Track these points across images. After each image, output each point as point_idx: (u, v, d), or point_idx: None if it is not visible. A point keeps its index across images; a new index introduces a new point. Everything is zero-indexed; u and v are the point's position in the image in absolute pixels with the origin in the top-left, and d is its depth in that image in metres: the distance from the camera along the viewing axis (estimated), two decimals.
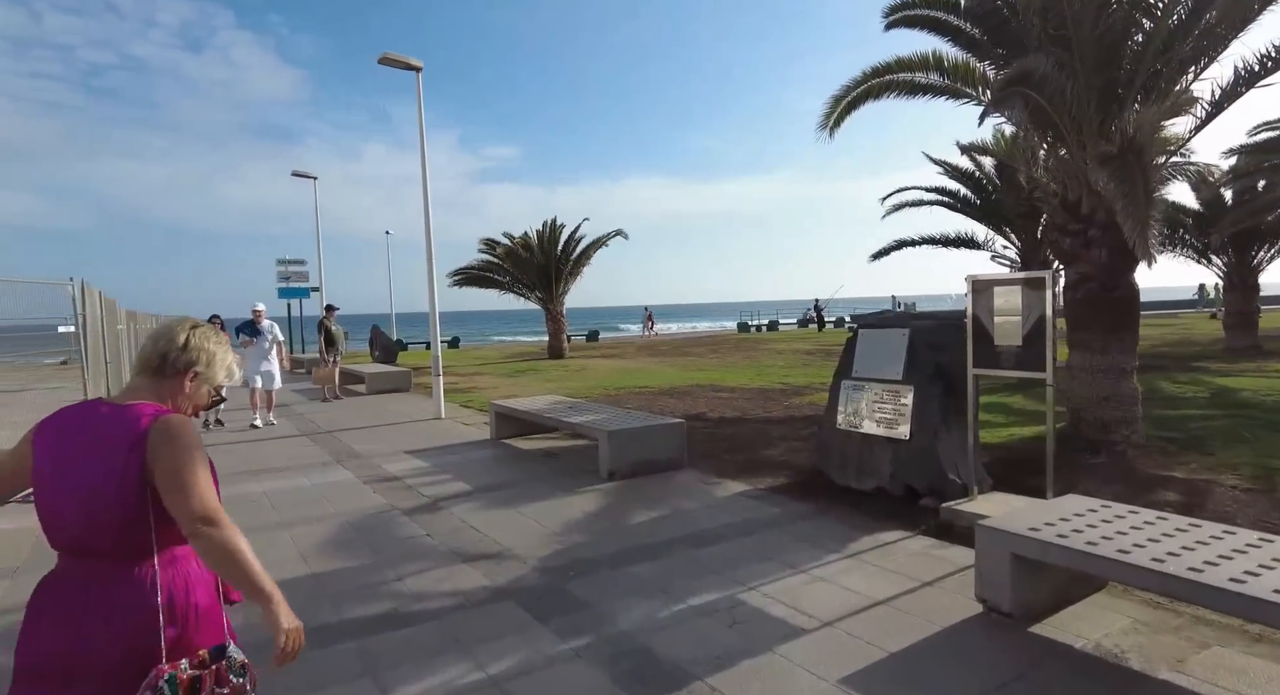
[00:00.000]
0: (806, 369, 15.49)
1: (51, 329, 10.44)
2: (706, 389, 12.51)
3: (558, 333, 21.86)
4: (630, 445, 6.26)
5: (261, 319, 9.60)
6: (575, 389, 12.93)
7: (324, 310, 14.14)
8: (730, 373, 15.21)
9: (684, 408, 10.23)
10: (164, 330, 1.74)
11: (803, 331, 34.14)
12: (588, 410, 7.54)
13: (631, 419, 6.84)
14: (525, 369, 18.12)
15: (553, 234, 21.38)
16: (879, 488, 5.37)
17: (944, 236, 11.58)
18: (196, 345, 1.72)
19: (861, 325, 5.85)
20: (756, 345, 23.90)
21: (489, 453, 7.64)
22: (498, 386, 14.18)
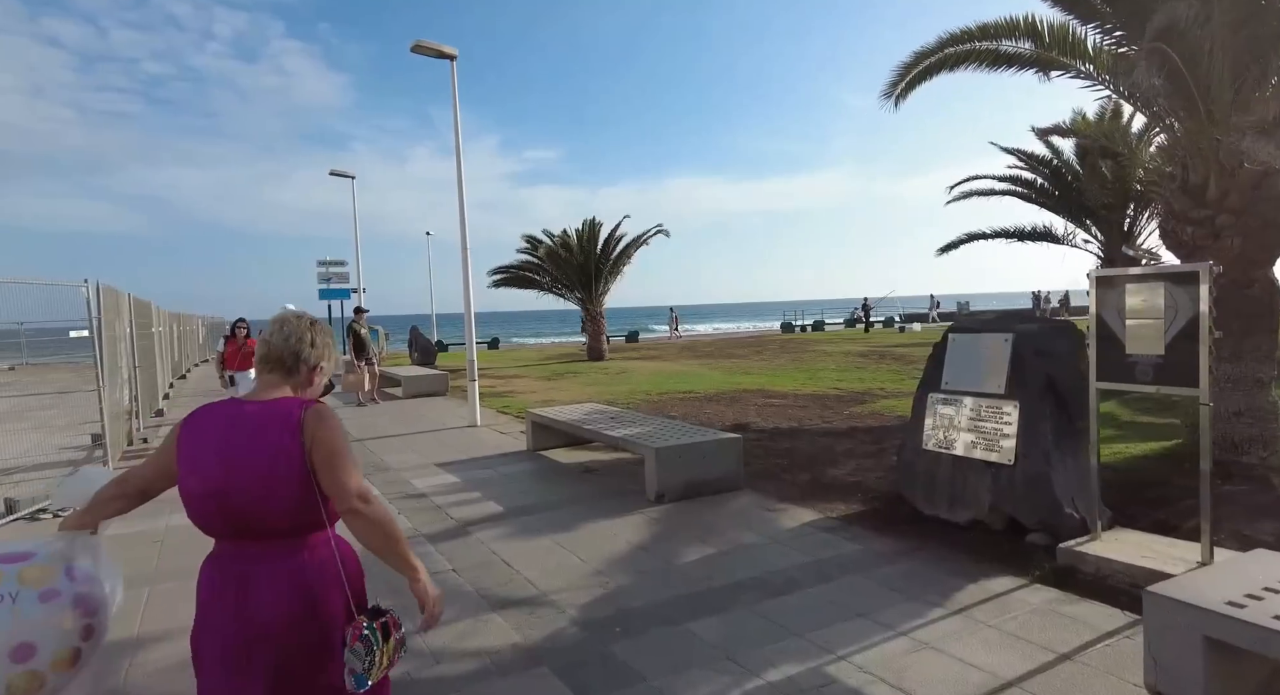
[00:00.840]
0: (861, 372, 14.56)
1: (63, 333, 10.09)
2: (755, 395, 11.73)
3: (597, 334, 21.28)
4: (681, 463, 5.56)
5: None
6: (616, 394, 12.28)
7: (352, 313, 13.69)
8: (779, 377, 14.39)
9: (733, 416, 9.48)
10: (291, 330, 1.80)
11: (850, 332, 32.93)
12: (630, 421, 6.87)
13: (680, 432, 6.14)
14: (564, 372, 17.58)
15: (592, 232, 20.80)
16: (975, 520, 4.56)
17: (1018, 229, 10.58)
18: (322, 342, 1.85)
19: (953, 329, 5.03)
20: (803, 346, 22.95)
21: (524, 467, 7.03)
22: (535, 391, 13.63)
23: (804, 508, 5.26)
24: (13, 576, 1.64)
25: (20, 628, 1.59)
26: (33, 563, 1.67)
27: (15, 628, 1.59)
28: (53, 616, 1.64)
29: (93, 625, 1.71)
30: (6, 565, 1.65)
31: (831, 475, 6.19)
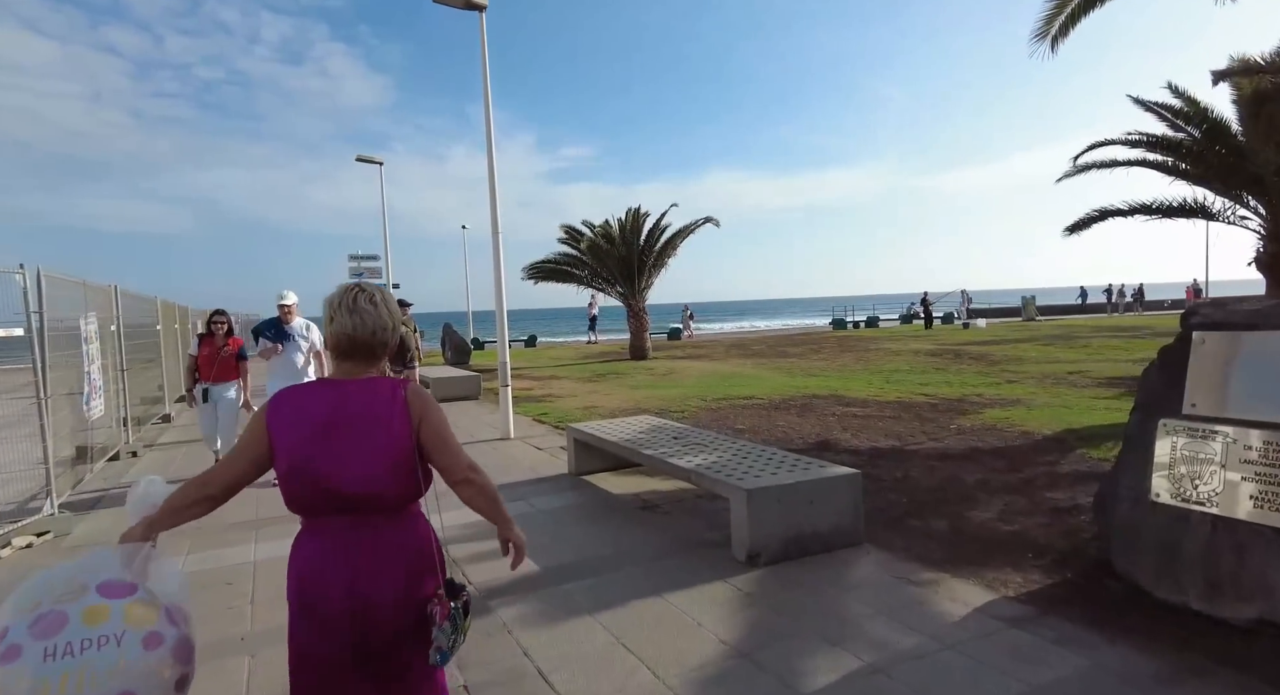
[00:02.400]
0: (943, 375, 12.80)
1: None
2: (829, 401, 10.11)
3: (640, 331, 19.81)
4: (781, 510, 4.04)
5: (292, 317, 6.36)
6: (667, 400, 10.79)
7: None
8: (850, 379, 12.72)
9: (812, 430, 7.90)
10: (374, 322, 1.73)
11: (908, 328, 30.83)
12: (698, 442, 5.38)
13: (768, 461, 4.63)
14: (605, 372, 16.15)
15: (636, 223, 19.31)
16: (1264, 620, 2.95)
17: (1162, 204, 8.72)
18: (395, 319, 1.80)
19: (1204, 324, 3.37)
20: (863, 344, 21.13)
21: (566, 499, 5.59)
22: (575, 394, 12.23)
23: (962, 579, 3.70)
24: (119, 614, 1.52)
25: (124, 675, 1.47)
26: (136, 598, 1.57)
27: (119, 674, 1.46)
28: (154, 664, 1.52)
29: (187, 675, 1.61)
30: (112, 600, 1.54)
31: (978, 522, 4.60)
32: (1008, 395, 10.06)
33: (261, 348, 6.29)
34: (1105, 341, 18.68)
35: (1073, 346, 17.76)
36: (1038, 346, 18.14)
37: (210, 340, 6.64)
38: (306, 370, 6.43)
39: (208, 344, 6.62)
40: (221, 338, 6.66)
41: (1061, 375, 12.07)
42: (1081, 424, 7.59)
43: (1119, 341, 18.46)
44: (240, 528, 5.01)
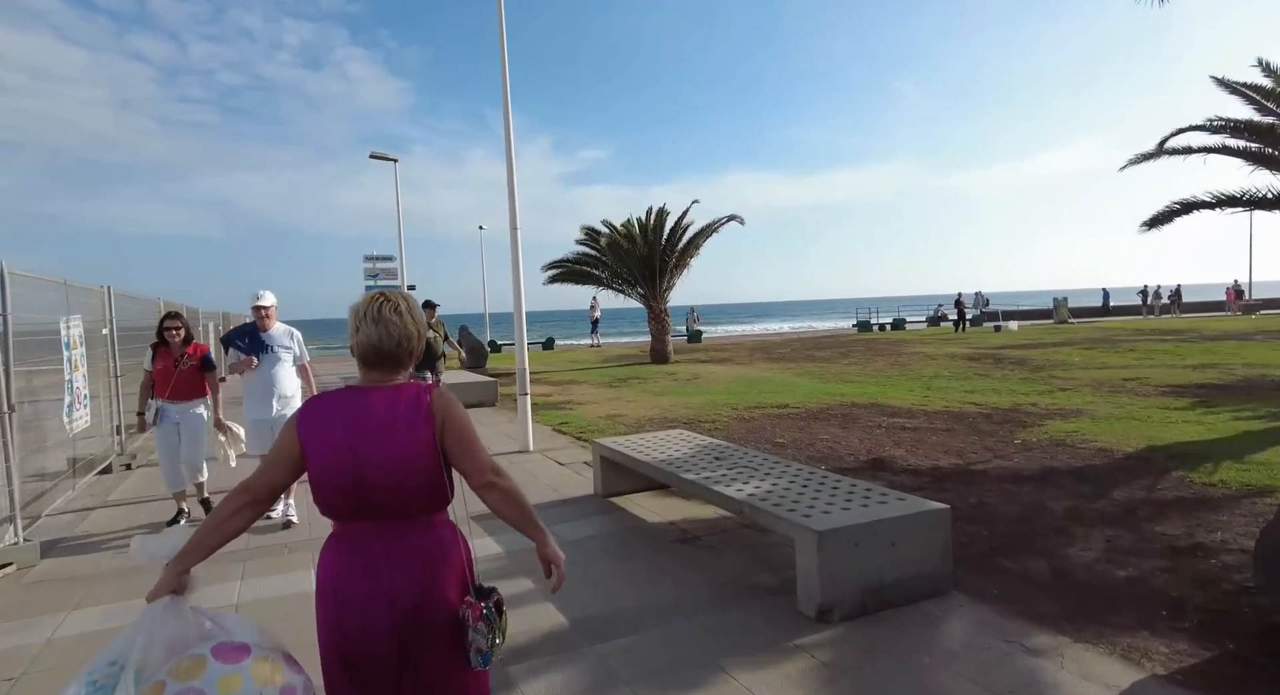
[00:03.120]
0: (987, 381, 12.00)
1: None
2: (871, 411, 9.38)
3: (661, 334, 19.14)
4: (858, 555, 3.36)
5: (271, 322, 5.22)
6: (695, 408, 10.11)
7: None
8: (888, 386, 11.95)
9: (861, 445, 7.19)
10: (399, 331, 1.73)
11: (937, 331, 29.88)
12: (743, 463, 4.71)
13: (832, 489, 3.94)
14: (627, 377, 15.50)
15: (658, 222, 18.64)
16: None
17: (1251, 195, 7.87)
18: (421, 327, 1.79)
19: None
20: (894, 348, 20.30)
21: (593, 527, 4.92)
22: (597, 401, 11.58)
23: (1088, 644, 2.99)
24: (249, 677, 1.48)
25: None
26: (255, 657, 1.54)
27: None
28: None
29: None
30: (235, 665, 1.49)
31: (1082, 564, 3.88)
32: (1065, 405, 9.28)
33: (233, 361, 5.12)
34: (1152, 345, 17.73)
35: (1118, 350, 16.84)
36: (1080, 351, 17.24)
37: (166, 351, 5.27)
38: (289, 387, 5.24)
39: (163, 356, 5.25)
40: (178, 346, 5.27)
41: (1117, 382, 11.23)
42: (1164, 440, 6.80)
43: (1167, 345, 17.50)
44: (225, 560, 4.41)
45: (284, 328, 5.35)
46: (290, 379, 5.30)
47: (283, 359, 5.23)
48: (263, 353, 5.16)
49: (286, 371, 5.27)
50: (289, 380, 5.29)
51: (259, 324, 5.23)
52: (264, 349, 5.17)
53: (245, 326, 5.30)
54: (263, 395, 5.16)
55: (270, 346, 5.19)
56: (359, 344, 1.72)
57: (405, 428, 1.66)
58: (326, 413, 1.70)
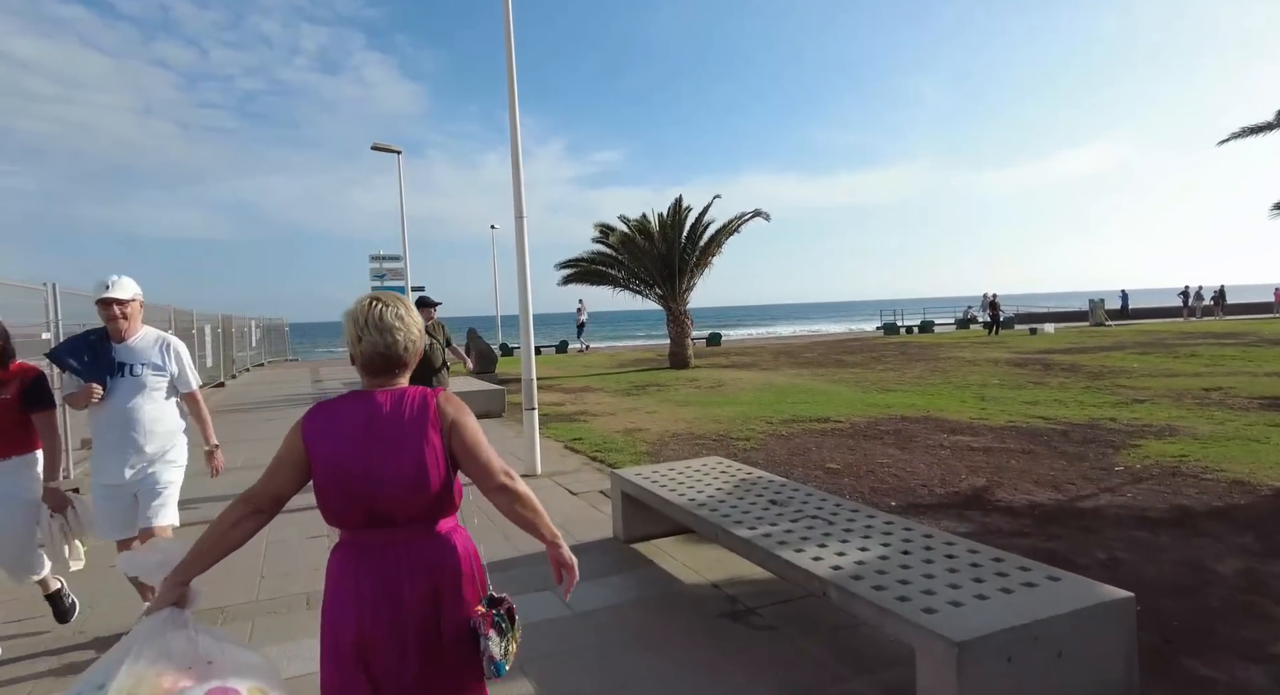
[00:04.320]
0: (1045, 391, 10.77)
1: None
2: (927, 426, 8.22)
3: (681, 337, 18.02)
4: (1013, 673, 2.24)
5: (131, 325, 3.28)
6: (724, 421, 8.99)
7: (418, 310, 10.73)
8: (937, 396, 10.76)
9: (931, 472, 6.05)
10: (404, 338, 1.70)
11: (968, 334, 28.51)
12: (808, 509, 3.62)
13: (947, 556, 2.84)
14: (645, 383, 14.40)
15: (677, 218, 17.53)
16: None
17: None
18: (420, 328, 1.76)
19: None
20: (928, 353, 19.04)
21: (614, 591, 3.82)
22: (614, 412, 10.49)
23: None
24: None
25: None
26: None
27: None
28: None
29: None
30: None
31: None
32: (1150, 420, 8.07)
33: (67, 390, 3.22)
34: (1212, 350, 16.36)
35: (1176, 356, 15.50)
36: (1134, 356, 15.92)
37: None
38: (161, 430, 3.27)
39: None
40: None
41: (1198, 393, 9.98)
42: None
43: (1231, 350, 16.12)
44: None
45: (155, 336, 3.35)
46: (164, 417, 3.29)
47: (149, 386, 3.22)
48: (114, 376, 3.18)
49: (155, 405, 3.25)
50: (161, 419, 3.27)
51: (110, 330, 3.24)
52: (115, 370, 3.19)
53: (86, 335, 3.28)
54: (114, 446, 3.19)
55: (128, 366, 3.19)
56: (363, 352, 1.69)
57: (414, 432, 1.63)
58: (332, 418, 1.66)
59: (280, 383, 17.80)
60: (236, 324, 21.73)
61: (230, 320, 20.47)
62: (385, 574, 1.61)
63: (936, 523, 4.66)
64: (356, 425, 1.63)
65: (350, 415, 1.65)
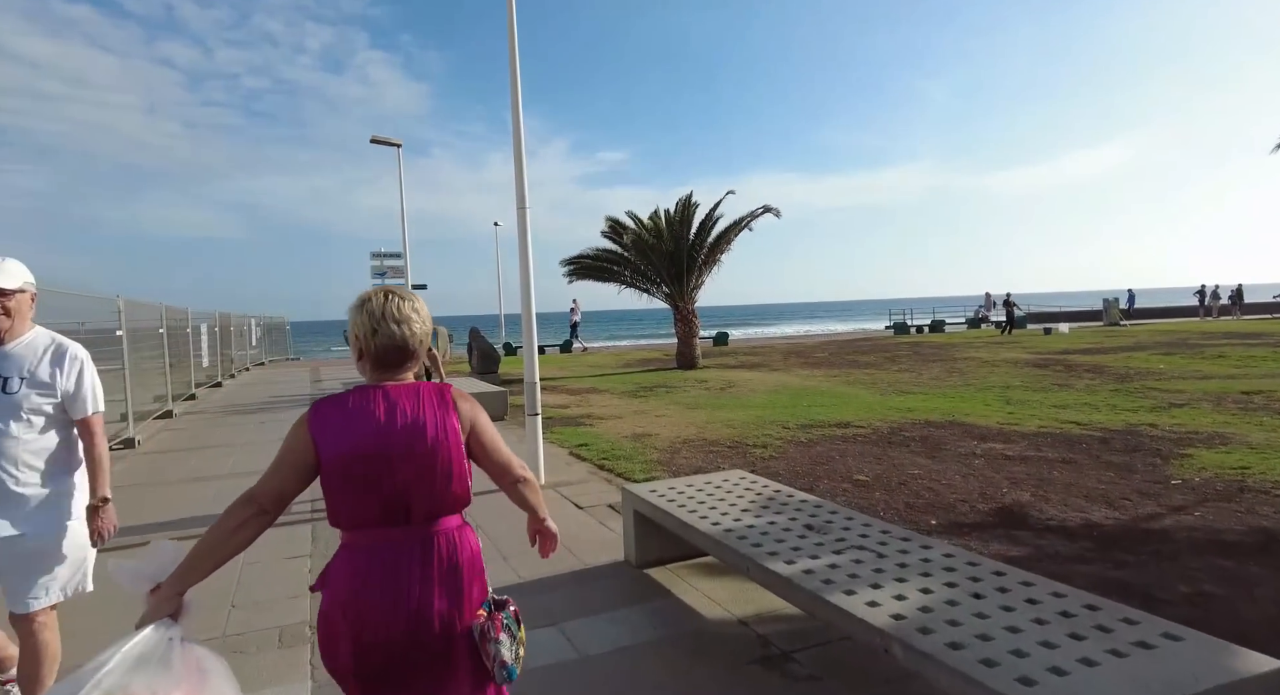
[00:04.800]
0: (1073, 394, 10.26)
1: None
2: (952, 431, 7.74)
3: (689, 337, 17.54)
4: None
5: (17, 326, 2.41)
6: (738, 426, 8.51)
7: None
8: (960, 399, 10.26)
9: (967, 484, 5.56)
10: (418, 326, 1.66)
11: (980, 333, 27.94)
12: (850, 537, 3.16)
13: (1026, 600, 2.37)
14: (653, 385, 13.93)
15: (686, 214, 17.05)
16: None
17: None
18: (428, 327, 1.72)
19: None
20: (943, 353, 18.52)
21: (626, 632, 3.33)
22: (621, 415, 10.02)
23: None
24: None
25: None
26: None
27: None
28: None
29: None
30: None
31: None
32: (1194, 426, 7.56)
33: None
34: (1238, 350, 15.81)
35: (1203, 356, 14.96)
36: (1157, 356, 15.38)
37: None
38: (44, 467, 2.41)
39: None
40: None
41: (1237, 396, 9.46)
42: None
43: (1261, 351, 15.55)
44: None
45: (48, 341, 2.49)
46: (47, 450, 2.43)
47: (26, 406, 2.37)
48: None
49: (35, 434, 2.40)
50: (45, 453, 2.43)
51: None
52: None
53: None
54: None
55: (2, 378, 2.36)
56: (378, 345, 1.62)
57: (437, 422, 1.59)
58: (344, 411, 1.57)
59: (279, 382, 17.39)
60: (236, 323, 21.32)
61: (229, 319, 20.06)
62: (399, 575, 1.53)
63: (985, 546, 4.17)
64: (375, 417, 1.56)
65: (365, 408, 1.58)
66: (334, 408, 1.58)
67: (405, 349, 1.63)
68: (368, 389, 1.62)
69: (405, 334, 1.62)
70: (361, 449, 1.53)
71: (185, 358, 13.99)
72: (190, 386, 14.08)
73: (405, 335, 1.62)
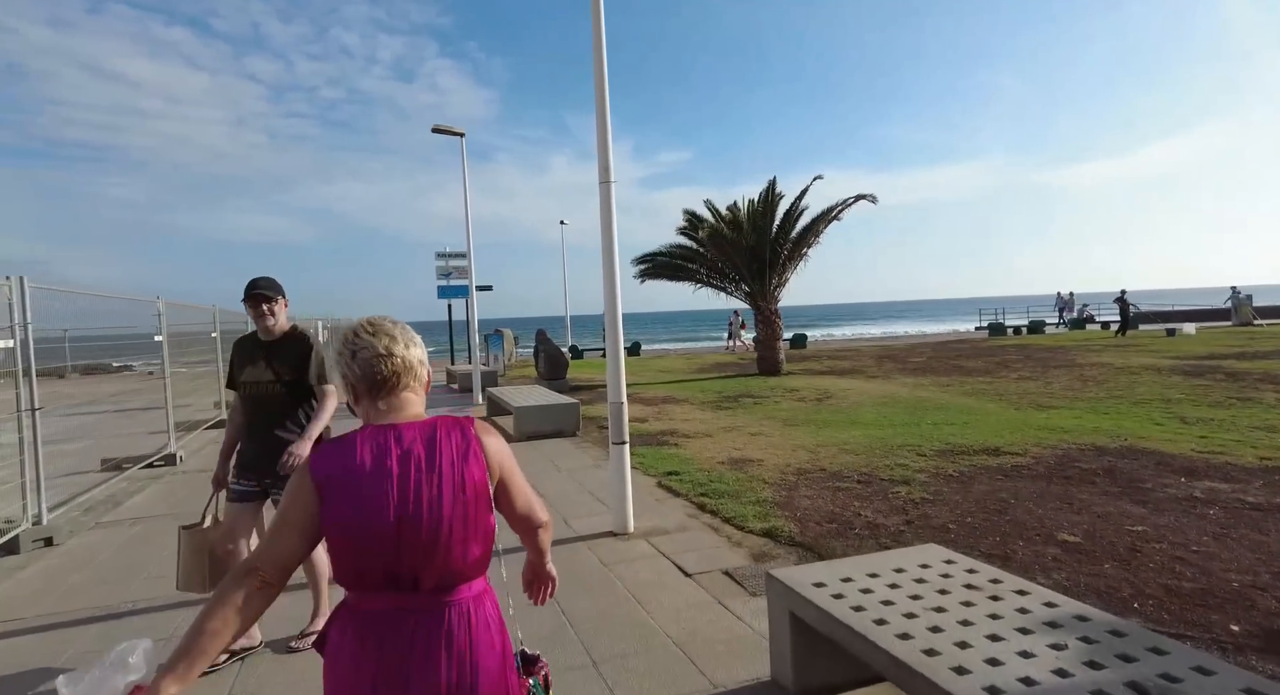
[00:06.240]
0: (1261, 409, 8.30)
1: None
2: (1137, 462, 6.06)
3: (772, 340, 16.02)
4: None
5: None
6: (858, 449, 7.00)
7: None
8: (1116, 416, 8.45)
9: (1229, 554, 3.96)
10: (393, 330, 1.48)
11: (1087, 335, 25.24)
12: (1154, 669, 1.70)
13: None
14: (736, 393, 12.51)
15: (770, 205, 15.54)
16: None
17: None
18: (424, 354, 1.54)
19: None
20: (1060, 357, 16.38)
21: None
22: (709, 432, 8.66)
23: None
24: None
25: None
26: None
27: None
28: None
29: None
30: None
31: None
32: None
33: None
34: None
35: None
36: None
37: None
38: None
39: None
40: None
41: None
42: None
43: None
44: None
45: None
46: None
47: None
48: None
49: None
50: None
51: None
52: None
53: None
54: None
55: None
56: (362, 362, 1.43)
57: (455, 470, 1.36)
58: (348, 457, 1.35)
59: None
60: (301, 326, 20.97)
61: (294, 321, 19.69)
62: (407, 659, 1.30)
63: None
64: (384, 465, 1.33)
65: (373, 452, 1.34)
66: (336, 452, 1.34)
67: (391, 357, 1.43)
68: (375, 430, 1.38)
69: (387, 343, 1.44)
70: (365, 505, 1.30)
71: None
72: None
73: (388, 344, 1.44)
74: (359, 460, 1.33)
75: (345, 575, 1.35)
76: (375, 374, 1.41)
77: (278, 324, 3.22)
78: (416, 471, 1.33)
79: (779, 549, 4.37)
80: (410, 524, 1.30)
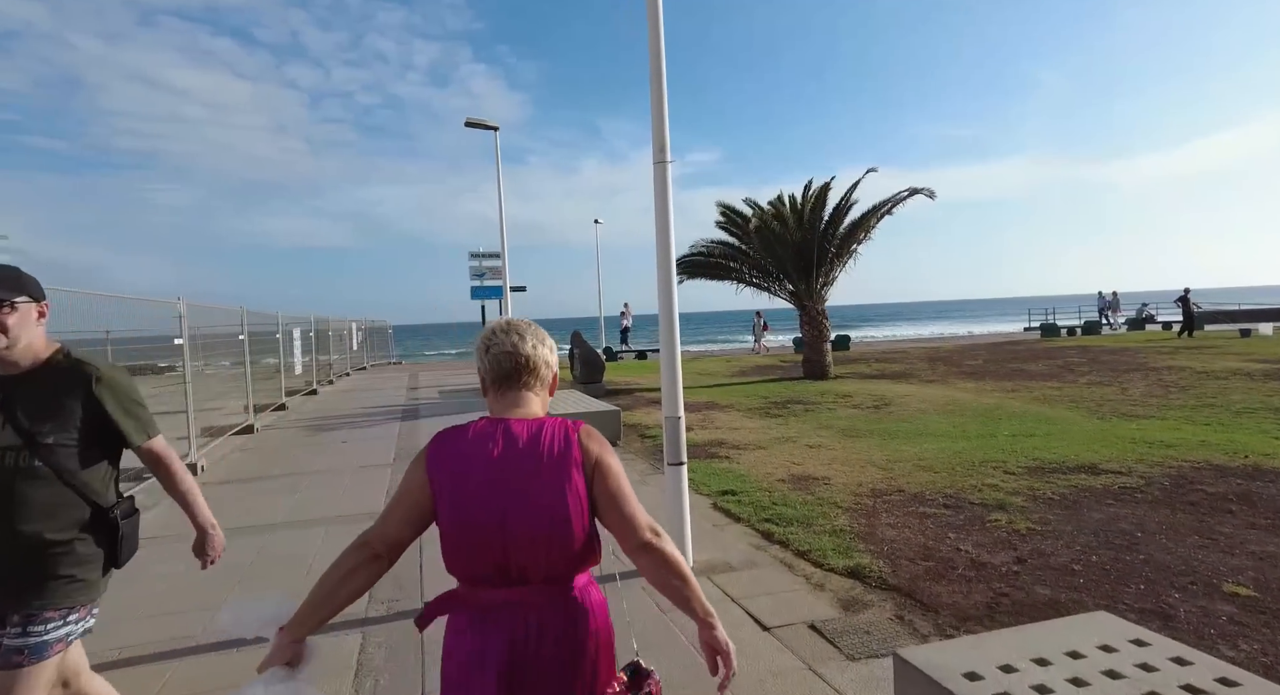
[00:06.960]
0: None
1: None
2: (1270, 483, 5.22)
3: (818, 341, 15.22)
4: None
5: None
6: (932, 466, 6.23)
7: None
8: (1220, 428, 7.53)
9: None
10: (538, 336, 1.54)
11: (1149, 336, 23.83)
12: None
13: None
14: (784, 399, 11.76)
15: (818, 198, 14.75)
16: None
17: None
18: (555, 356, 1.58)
19: None
20: (1126, 360, 15.27)
21: None
22: (761, 443, 7.96)
23: None
24: None
25: None
26: None
27: None
28: None
29: None
30: None
31: None
32: None
33: None
34: None
35: None
36: None
37: None
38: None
39: None
40: None
41: None
42: None
43: None
44: None
45: None
46: None
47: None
48: None
49: None
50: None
51: None
52: None
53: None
54: None
55: None
56: (493, 356, 1.50)
57: (555, 472, 1.38)
58: (461, 449, 1.40)
59: (375, 391, 16.39)
60: (335, 327, 20.75)
61: (327, 323, 19.42)
62: (517, 649, 1.35)
63: None
64: (488, 461, 1.38)
65: (480, 448, 1.39)
66: (452, 444, 1.41)
67: (516, 355, 1.48)
68: (488, 423, 1.44)
69: (515, 341, 1.49)
70: (471, 500, 1.35)
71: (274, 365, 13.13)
72: (280, 395, 13.17)
73: (515, 341, 1.49)
74: (467, 456, 1.37)
75: (459, 568, 1.39)
76: (498, 368, 1.48)
77: (17, 345, 1.84)
78: (518, 470, 1.36)
79: (870, 594, 3.68)
80: (512, 524, 1.33)
